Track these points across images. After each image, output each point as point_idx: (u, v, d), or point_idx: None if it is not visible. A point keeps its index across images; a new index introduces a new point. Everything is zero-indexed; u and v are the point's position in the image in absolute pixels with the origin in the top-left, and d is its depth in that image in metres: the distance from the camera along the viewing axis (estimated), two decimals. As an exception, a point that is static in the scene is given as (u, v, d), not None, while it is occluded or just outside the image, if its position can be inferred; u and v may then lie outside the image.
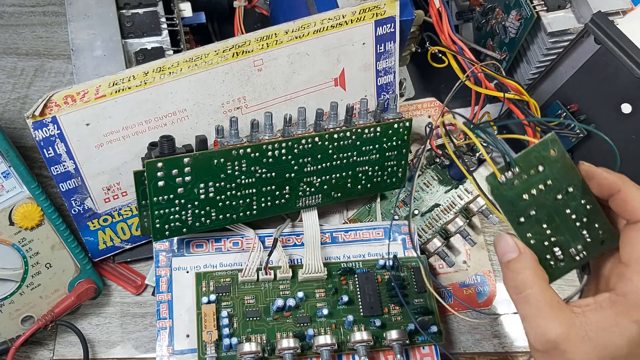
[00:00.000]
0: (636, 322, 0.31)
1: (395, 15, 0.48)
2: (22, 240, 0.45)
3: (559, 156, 0.34)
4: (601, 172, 0.34)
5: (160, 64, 0.43)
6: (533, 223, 0.34)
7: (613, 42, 0.45)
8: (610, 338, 0.31)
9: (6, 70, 0.60)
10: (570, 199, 0.34)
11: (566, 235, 0.35)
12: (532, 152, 0.34)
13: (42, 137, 0.42)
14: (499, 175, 0.34)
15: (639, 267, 0.32)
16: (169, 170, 0.41)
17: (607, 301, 0.32)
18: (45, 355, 0.49)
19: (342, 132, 0.46)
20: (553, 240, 0.35)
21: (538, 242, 0.35)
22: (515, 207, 0.34)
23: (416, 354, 0.47)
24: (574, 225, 0.35)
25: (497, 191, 0.34)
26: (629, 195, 0.33)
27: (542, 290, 0.33)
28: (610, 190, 0.34)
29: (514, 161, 0.33)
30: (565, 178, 0.34)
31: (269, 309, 0.46)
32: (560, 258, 0.35)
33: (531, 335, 0.33)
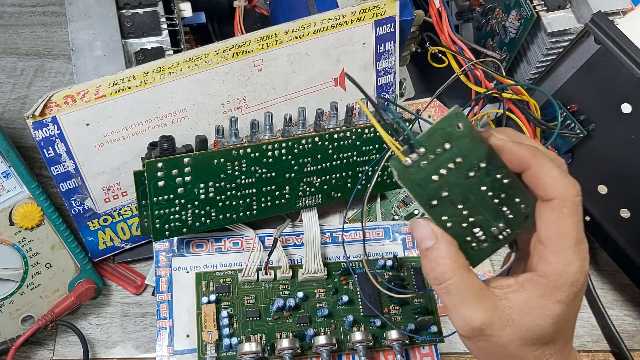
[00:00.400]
0: (559, 301, 0.31)
1: (395, 15, 0.48)
2: (22, 240, 0.45)
3: (466, 131, 0.31)
4: (510, 146, 0.31)
5: (160, 64, 0.43)
6: (447, 205, 0.32)
7: (613, 42, 0.45)
8: (535, 320, 0.31)
9: (6, 70, 0.60)
10: (483, 175, 0.32)
11: (485, 214, 0.32)
12: (436, 130, 0.31)
13: (42, 137, 0.42)
14: (403, 158, 0.31)
15: (555, 247, 0.31)
16: (169, 170, 0.41)
17: (529, 282, 0.31)
18: (45, 355, 0.49)
19: (342, 132, 0.46)
20: (472, 221, 0.32)
21: (455, 224, 0.32)
22: (426, 189, 0.31)
23: (416, 354, 0.47)
24: (492, 202, 0.32)
25: (404, 175, 0.31)
26: (541, 171, 0.31)
27: (463, 279, 0.31)
28: (521, 165, 0.31)
29: (417, 142, 0.31)
30: (475, 153, 0.31)
31: (269, 309, 0.46)
32: (482, 239, 0.33)
33: (456, 324, 0.32)
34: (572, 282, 0.31)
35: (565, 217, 0.30)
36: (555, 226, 0.31)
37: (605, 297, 0.55)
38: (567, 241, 0.30)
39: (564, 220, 0.30)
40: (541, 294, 0.31)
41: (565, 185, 0.31)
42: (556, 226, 0.31)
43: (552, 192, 0.31)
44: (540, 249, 0.31)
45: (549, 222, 0.31)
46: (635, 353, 0.53)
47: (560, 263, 0.30)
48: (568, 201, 0.30)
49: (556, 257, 0.31)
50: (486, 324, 0.31)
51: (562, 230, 0.30)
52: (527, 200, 0.32)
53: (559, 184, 0.30)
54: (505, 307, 0.31)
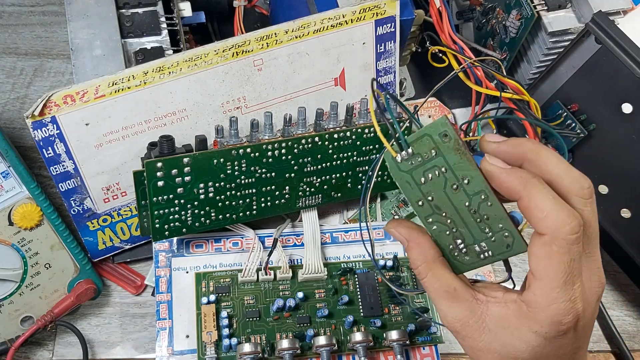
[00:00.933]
0: (536, 333, 0.30)
1: (395, 15, 0.48)
2: (22, 241, 0.45)
3: (451, 144, 0.31)
4: (499, 174, 0.30)
5: (160, 63, 0.43)
6: (432, 209, 0.32)
7: (614, 42, 0.45)
8: (510, 338, 0.30)
9: (5, 70, 0.60)
10: (468, 191, 0.31)
11: (467, 229, 0.32)
12: (424, 135, 0.31)
13: (41, 137, 0.42)
14: (393, 153, 0.32)
15: (540, 283, 0.29)
16: (168, 170, 0.41)
17: (513, 303, 0.31)
18: (45, 355, 0.49)
19: (342, 132, 0.46)
20: (455, 232, 0.32)
21: (439, 229, 0.32)
22: (413, 189, 0.32)
23: (416, 354, 0.47)
24: (475, 221, 0.32)
25: (395, 169, 0.32)
26: (531, 203, 0.29)
27: (435, 279, 0.32)
28: (511, 195, 0.30)
29: (406, 142, 0.31)
30: (460, 169, 0.31)
31: (268, 309, 0.45)
32: (464, 252, 0.32)
33: (439, 315, 0.33)
34: (554, 323, 0.29)
35: (554, 255, 0.29)
36: (543, 263, 0.29)
37: (605, 298, 0.55)
38: (555, 281, 0.29)
39: (552, 259, 0.29)
40: (520, 318, 0.30)
41: (557, 222, 0.28)
42: (544, 263, 0.29)
43: (543, 227, 0.29)
44: (530, 278, 0.30)
45: (538, 257, 0.29)
46: (635, 353, 0.53)
47: (544, 300, 0.29)
48: (558, 239, 0.28)
49: (540, 292, 0.29)
50: (460, 322, 0.31)
51: (550, 269, 0.29)
52: (510, 230, 0.31)
53: (550, 219, 0.28)
54: (482, 314, 0.31)
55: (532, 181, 0.29)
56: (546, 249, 0.29)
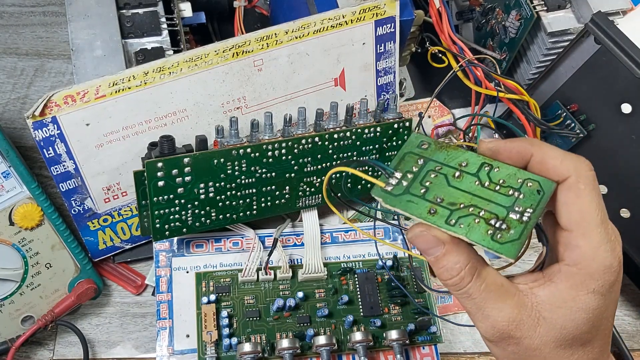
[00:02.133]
0: (594, 292, 0.28)
1: (395, 15, 0.48)
2: (22, 240, 0.45)
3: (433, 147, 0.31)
4: (504, 144, 0.30)
5: (160, 64, 0.43)
6: (448, 208, 0.30)
7: (613, 42, 0.45)
8: (568, 315, 0.28)
9: (6, 70, 0.60)
10: (471, 171, 0.31)
11: (492, 204, 0.30)
12: (404, 155, 0.31)
13: (42, 137, 0.42)
14: (381, 184, 0.31)
15: (580, 229, 0.28)
16: (169, 170, 0.41)
17: (558, 274, 0.29)
18: (45, 355, 0.49)
19: (342, 132, 0.46)
20: (483, 215, 0.29)
21: (467, 222, 0.29)
22: (418, 203, 0.30)
23: (416, 354, 0.47)
24: (495, 191, 0.30)
25: (390, 199, 0.31)
26: (545, 155, 0.29)
27: (482, 279, 0.29)
28: (523, 158, 0.30)
29: (390, 168, 0.31)
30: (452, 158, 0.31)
31: (269, 309, 0.46)
32: (505, 227, 0.29)
33: (482, 328, 0.30)
34: (606, 268, 0.28)
35: (584, 193, 0.28)
36: (576, 206, 0.28)
37: (605, 297, 0.55)
38: (593, 220, 0.28)
39: (584, 197, 0.28)
40: (572, 285, 0.28)
41: (575, 161, 0.29)
42: (577, 206, 0.28)
43: (564, 170, 0.29)
44: (564, 236, 0.29)
45: (568, 203, 0.28)
46: (635, 353, 0.53)
47: (590, 246, 0.28)
48: (582, 176, 0.28)
49: (584, 240, 0.28)
50: (514, 323, 0.28)
51: (584, 209, 0.28)
52: (530, 176, 0.30)
53: (567, 162, 0.29)
54: (533, 304, 0.29)
55: (536, 140, 0.30)
56: (574, 190, 0.28)
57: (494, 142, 0.31)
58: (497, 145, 0.30)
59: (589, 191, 0.28)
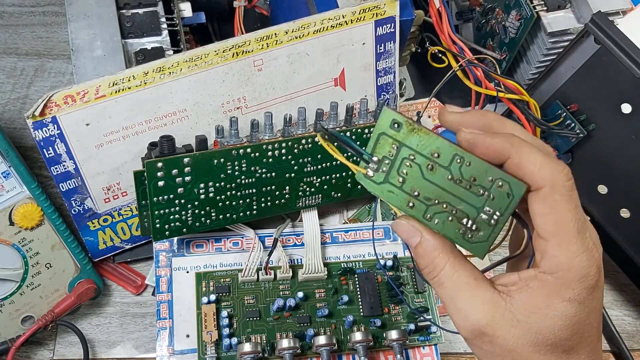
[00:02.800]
0: (569, 300, 0.28)
1: (395, 15, 0.48)
2: (22, 240, 0.45)
3: (405, 129, 0.30)
4: (483, 139, 0.29)
5: (160, 64, 0.43)
6: (424, 203, 0.31)
7: (613, 42, 0.45)
8: (544, 321, 0.28)
9: (6, 70, 0.60)
10: (443, 164, 0.30)
11: (464, 203, 0.30)
12: (378, 136, 0.31)
13: (42, 137, 0.42)
14: (363, 170, 0.31)
15: (556, 240, 0.28)
16: (169, 170, 0.41)
17: (534, 280, 0.28)
18: (45, 355, 0.49)
19: (342, 132, 0.46)
20: (456, 213, 0.30)
21: (441, 219, 0.31)
22: (397, 194, 0.31)
23: (416, 354, 0.47)
24: (466, 189, 0.30)
25: (373, 186, 0.31)
26: (522, 159, 0.28)
27: (454, 268, 0.29)
28: (500, 156, 0.29)
29: (367, 153, 0.31)
30: (424, 146, 0.30)
31: (269, 309, 0.46)
32: (475, 228, 0.30)
33: (456, 322, 0.30)
34: (582, 277, 0.28)
35: (560, 204, 0.28)
36: (552, 217, 0.28)
37: (605, 297, 0.55)
38: (569, 231, 0.28)
39: (560, 209, 0.28)
40: (547, 293, 0.28)
41: (552, 170, 0.28)
42: (552, 217, 0.28)
43: (539, 179, 0.28)
44: (541, 244, 0.28)
45: (543, 214, 0.28)
46: (635, 353, 0.53)
47: (566, 257, 0.27)
48: (558, 186, 0.28)
49: (560, 250, 0.28)
50: (485, 319, 0.29)
51: (560, 220, 0.28)
52: (500, 176, 0.29)
53: (544, 170, 0.28)
54: (507, 305, 0.29)
55: (517, 139, 0.28)
56: (549, 202, 0.28)
57: (472, 135, 0.29)
58: (476, 139, 0.29)
59: (565, 202, 0.28)
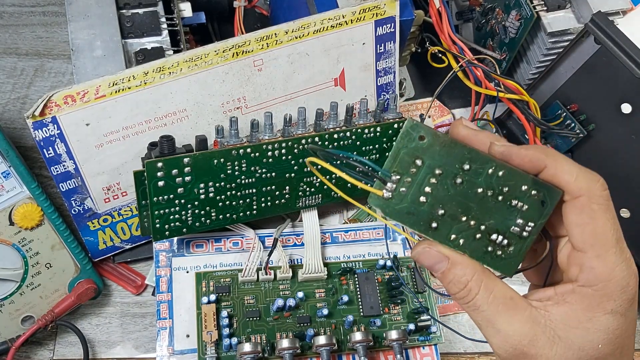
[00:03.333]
0: (611, 312, 0.27)
1: (395, 15, 0.48)
2: (22, 240, 0.45)
3: (431, 140, 0.28)
4: (518, 150, 0.28)
5: (160, 64, 0.43)
6: (449, 222, 0.29)
7: (613, 42, 0.45)
8: (585, 336, 0.27)
9: (6, 70, 0.60)
10: (473, 176, 0.28)
11: (495, 216, 0.29)
12: (400, 150, 0.28)
13: (42, 137, 0.42)
14: (379, 192, 0.28)
15: (595, 251, 0.27)
16: (169, 170, 0.41)
17: (572, 295, 0.28)
18: (45, 355, 0.49)
19: (342, 132, 0.46)
20: (484, 229, 0.29)
21: (468, 238, 0.29)
22: (419, 215, 0.29)
23: (416, 354, 0.47)
24: (498, 201, 0.29)
25: (390, 209, 0.29)
26: (559, 169, 0.28)
27: (489, 290, 0.28)
28: (536, 167, 0.28)
29: (385, 171, 0.28)
30: (453, 158, 0.28)
31: (269, 309, 0.46)
32: (505, 244, 0.29)
33: (494, 344, 0.28)
34: (623, 288, 0.27)
35: (598, 214, 0.27)
36: (590, 227, 0.27)
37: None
38: (608, 241, 0.27)
39: (598, 219, 0.27)
40: (588, 306, 0.27)
41: (588, 180, 0.28)
42: (591, 227, 0.27)
43: (576, 189, 0.28)
44: (578, 257, 0.28)
45: (582, 224, 0.27)
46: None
47: (606, 267, 0.27)
48: (595, 196, 0.27)
49: (599, 261, 0.27)
50: (527, 339, 0.27)
51: (599, 230, 0.27)
52: (535, 184, 0.29)
53: (581, 179, 0.28)
54: (546, 321, 0.27)
55: (552, 150, 0.29)
56: (587, 211, 0.27)
57: (507, 147, 0.29)
58: (510, 151, 0.29)
59: (602, 212, 0.27)
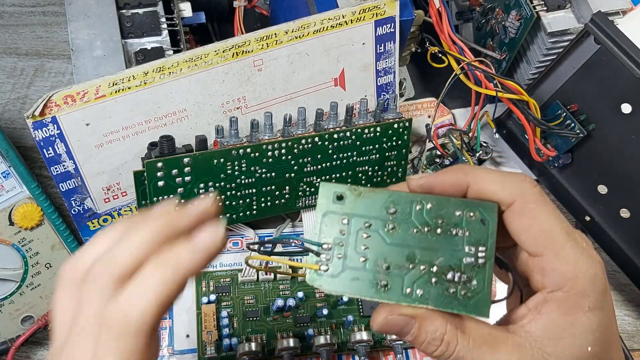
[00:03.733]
0: (589, 309, 0.25)
1: (395, 15, 0.48)
2: (22, 240, 0.45)
3: (350, 197, 0.27)
4: (436, 178, 0.27)
5: (160, 64, 0.43)
6: (398, 274, 0.26)
7: (613, 42, 0.45)
8: (574, 344, 0.25)
9: (6, 70, 0.60)
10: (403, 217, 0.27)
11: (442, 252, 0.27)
12: (324, 215, 0.27)
13: (42, 137, 0.42)
14: (315, 267, 0.26)
15: (549, 250, 0.26)
16: (168, 170, 0.41)
17: (545, 304, 0.26)
18: (45, 355, 0.49)
19: (342, 132, 0.46)
20: (437, 271, 0.26)
21: (424, 286, 0.26)
22: (365, 278, 0.26)
23: (416, 354, 0.47)
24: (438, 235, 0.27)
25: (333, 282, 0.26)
26: (481, 182, 0.27)
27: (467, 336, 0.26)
28: (459, 189, 0.27)
29: (315, 242, 0.27)
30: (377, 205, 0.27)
31: (268, 309, 0.46)
32: (465, 279, 0.26)
33: None
34: (592, 279, 0.25)
35: (537, 212, 0.26)
36: (535, 227, 0.26)
37: (605, 297, 0.55)
38: (559, 236, 0.26)
39: (539, 216, 0.26)
40: (565, 311, 0.25)
41: (516, 182, 0.26)
42: (535, 227, 0.26)
43: (508, 196, 0.26)
44: (536, 262, 0.26)
45: (526, 228, 0.26)
46: (635, 353, 0.53)
47: (568, 264, 0.25)
48: (529, 195, 0.26)
49: (559, 260, 0.26)
50: None
51: (545, 228, 0.26)
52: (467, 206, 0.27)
53: (508, 184, 0.26)
54: (530, 343, 0.26)
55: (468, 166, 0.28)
56: (526, 212, 0.26)
57: (424, 178, 0.28)
58: (428, 181, 0.27)
59: (542, 208, 0.26)
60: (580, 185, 0.53)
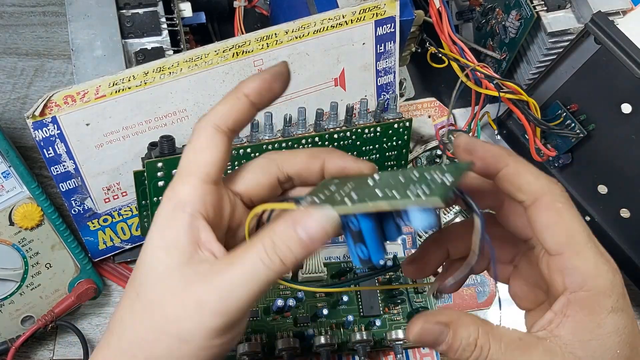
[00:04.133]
0: (612, 310, 0.25)
1: (395, 15, 0.48)
2: (22, 241, 0.45)
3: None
4: (482, 144, 0.28)
5: (160, 64, 0.43)
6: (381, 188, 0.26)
7: (613, 42, 0.45)
8: (603, 345, 0.25)
9: (6, 70, 0.60)
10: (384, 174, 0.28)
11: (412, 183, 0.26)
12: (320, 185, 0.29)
13: (42, 137, 0.42)
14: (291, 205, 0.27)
15: (572, 249, 0.26)
16: (169, 170, 0.41)
17: (570, 306, 0.26)
18: (45, 355, 0.49)
19: (342, 132, 0.46)
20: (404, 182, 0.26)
21: (395, 188, 0.26)
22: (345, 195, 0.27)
23: (416, 354, 0.47)
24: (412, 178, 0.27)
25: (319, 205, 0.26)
26: (520, 169, 0.27)
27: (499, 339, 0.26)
28: (496, 164, 0.27)
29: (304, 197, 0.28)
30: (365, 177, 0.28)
31: (269, 308, 0.46)
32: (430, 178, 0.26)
33: None
34: (612, 284, 0.26)
35: (564, 211, 0.26)
36: (560, 225, 0.26)
37: (605, 297, 0.55)
38: (581, 238, 0.26)
39: (565, 216, 0.26)
40: (590, 312, 0.25)
41: (548, 180, 0.27)
42: (560, 225, 0.26)
43: (539, 189, 0.27)
44: (557, 261, 0.26)
45: (551, 224, 0.26)
46: None
47: (588, 264, 0.26)
48: (557, 195, 0.27)
49: (580, 259, 0.26)
50: None
51: (569, 227, 0.26)
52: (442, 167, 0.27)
53: (541, 179, 0.27)
54: (561, 347, 0.26)
55: (512, 152, 0.28)
56: (554, 210, 0.26)
57: (472, 139, 0.28)
58: (475, 143, 0.28)
59: (568, 209, 0.27)
60: (580, 185, 0.53)
